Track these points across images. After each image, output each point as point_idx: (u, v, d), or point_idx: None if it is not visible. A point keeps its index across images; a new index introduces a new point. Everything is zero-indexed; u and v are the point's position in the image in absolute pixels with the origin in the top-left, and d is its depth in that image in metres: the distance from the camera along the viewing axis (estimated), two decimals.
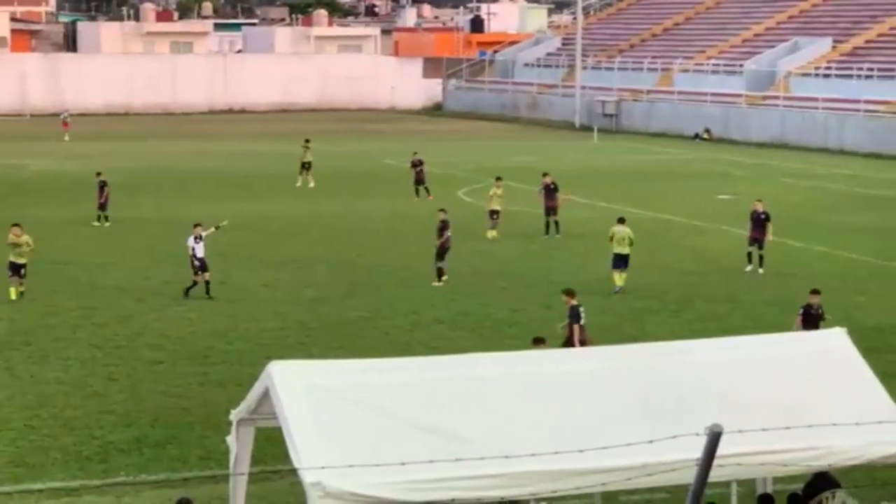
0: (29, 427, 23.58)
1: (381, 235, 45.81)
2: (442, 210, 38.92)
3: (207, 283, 35.13)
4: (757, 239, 39.34)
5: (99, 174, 48.64)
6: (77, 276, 37.98)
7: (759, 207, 39.86)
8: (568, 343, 26.99)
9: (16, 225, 35.42)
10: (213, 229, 36.45)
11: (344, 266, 39.74)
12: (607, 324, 31.91)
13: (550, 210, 45.86)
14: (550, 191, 46.47)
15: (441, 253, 37.40)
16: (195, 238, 35.33)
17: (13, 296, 34.40)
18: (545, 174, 47.75)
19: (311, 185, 59.47)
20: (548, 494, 14.62)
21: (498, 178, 47.04)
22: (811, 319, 27.12)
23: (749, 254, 39.60)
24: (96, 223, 47.14)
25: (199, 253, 35.16)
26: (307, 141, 61.74)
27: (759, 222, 39.42)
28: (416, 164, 56.43)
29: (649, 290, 36.21)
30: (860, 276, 38.13)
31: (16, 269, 34.70)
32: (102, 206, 47.61)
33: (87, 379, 26.88)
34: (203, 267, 35.14)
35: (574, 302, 27.15)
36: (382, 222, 48.84)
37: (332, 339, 30.25)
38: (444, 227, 37.58)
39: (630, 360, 16.66)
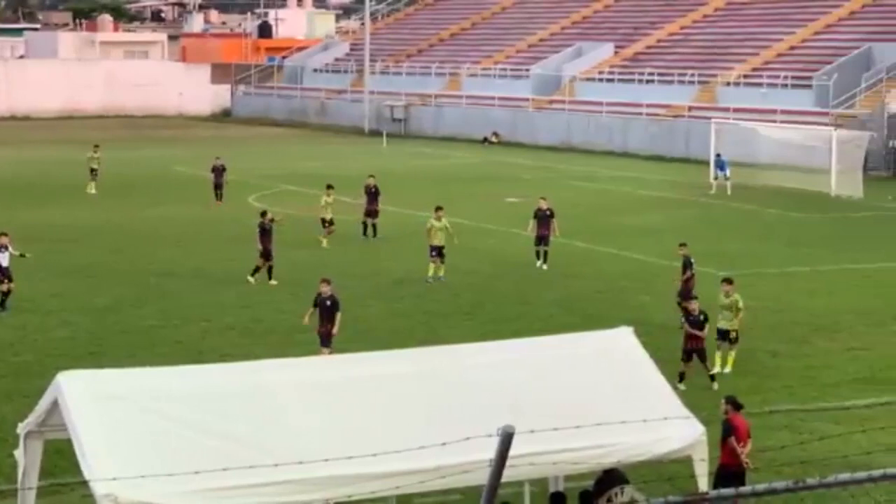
0: None
1: (171, 242, 45.31)
2: (264, 213, 39.15)
3: (7, 294, 34.47)
4: (543, 236, 40.36)
5: None
6: None
7: (544, 205, 41.10)
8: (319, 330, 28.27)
9: None
10: (17, 253, 35.54)
11: (134, 274, 39.22)
12: (399, 327, 32.12)
13: (371, 213, 46.08)
14: (372, 194, 46.65)
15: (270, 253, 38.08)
16: (1, 248, 34.75)
17: None
18: (370, 176, 48.02)
19: (94, 191, 58.43)
20: (343, 499, 14.68)
21: (329, 187, 46.07)
22: (696, 325, 27.46)
23: (537, 251, 40.56)
24: None
25: (4, 262, 34.55)
26: (96, 146, 60.64)
27: (545, 220, 40.54)
28: (217, 169, 56.14)
29: (440, 293, 36.52)
30: (645, 277, 39.00)
31: None
32: None
33: None
34: (7, 277, 34.48)
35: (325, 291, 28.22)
36: (173, 229, 48.31)
37: (123, 349, 29.85)
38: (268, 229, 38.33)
39: (422, 363, 16.81)
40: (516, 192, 59.23)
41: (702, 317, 27.53)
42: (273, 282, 37.63)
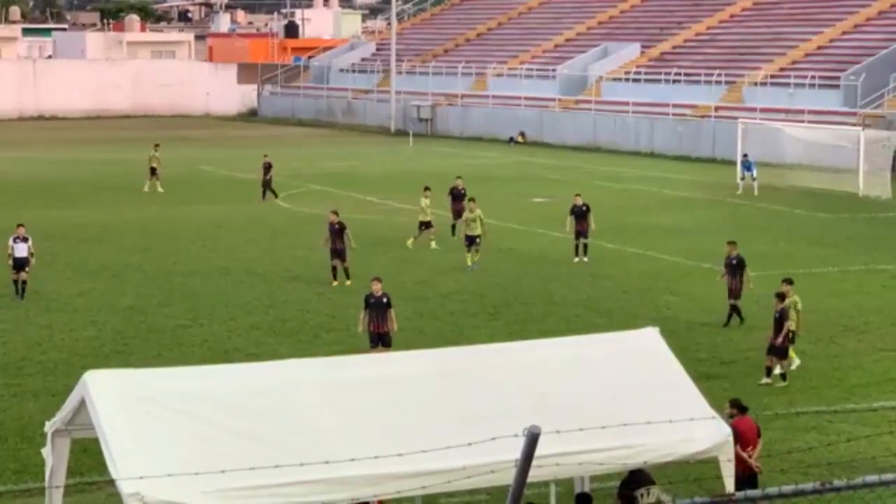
0: None
1: (197, 242, 45.40)
2: (334, 212, 38.74)
3: (24, 282, 35.27)
4: (581, 231, 41.43)
5: None
6: None
7: (579, 201, 42.03)
8: (375, 334, 28.01)
9: None
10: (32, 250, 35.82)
11: (160, 273, 39.31)
12: (425, 327, 32.11)
13: (459, 213, 45.94)
14: (458, 195, 46.59)
15: (341, 254, 37.55)
16: (15, 238, 35.55)
17: None
18: (458, 177, 48.09)
19: (161, 189, 58.95)
20: (369, 499, 14.68)
21: (426, 189, 45.25)
22: (778, 321, 27.53)
23: (576, 245, 41.52)
24: None
25: (22, 253, 35.33)
26: (157, 146, 61.17)
27: (582, 215, 41.52)
28: (266, 167, 56.62)
29: (466, 294, 36.50)
30: (671, 277, 38.93)
31: None
32: None
33: None
34: (21, 266, 35.23)
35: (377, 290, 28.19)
36: (199, 229, 48.40)
37: (150, 348, 29.93)
38: (342, 229, 37.62)
39: (448, 363, 16.79)
40: (543, 192, 59.20)
41: (786, 311, 27.65)
42: (348, 282, 37.29)
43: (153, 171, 59.44)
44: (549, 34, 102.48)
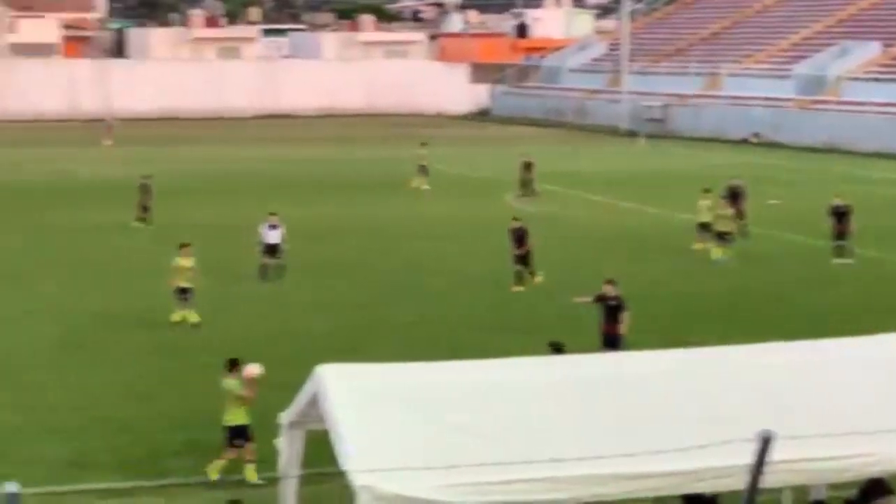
0: (81, 428, 23.71)
1: (427, 240, 45.67)
2: (516, 219, 38.78)
3: (279, 266, 38.07)
4: (843, 232, 41.25)
5: (146, 177, 49.42)
6: (133, 280, 38.09)
7: (839, 202, 41.88)
8: (606, 335, 27.47)
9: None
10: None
11: (391, 271, 39.73)
12: (649, 328, 31.74)
13: (739, 214, 45.19)
14: (736, 195, 46.16)
15: (524, 258, 37.34)
16: (267, 225, 38.38)
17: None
18: (735, 178, 47.83)
19: (426, 186, 59.95)
20: (590, 499, 14.46)
21: (706, 190, 44.50)
22: None
23: (835, 247, 41.25)
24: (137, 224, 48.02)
25: (271, 240, 38.14)
26: (423, 144, 62.33)
27: (840, 216, 41.38)
28: (526, 166, 57.74)
29: (693, 295, 36.01)
30: None
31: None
32: (146, 209, 48.36)
33: (139, 381, 27.01)
34: (272, 252, 38.03)
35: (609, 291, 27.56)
36: (429, 227, 48.67)
37: (381, 344, 30.09)
38: (522, 234, 37.51)
39: (684, 364, 16.55)
40: (777, 193, 58.16)
41: None
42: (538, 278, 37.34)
43: (422, 168, 60.18)
44: (785, 33, 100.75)
